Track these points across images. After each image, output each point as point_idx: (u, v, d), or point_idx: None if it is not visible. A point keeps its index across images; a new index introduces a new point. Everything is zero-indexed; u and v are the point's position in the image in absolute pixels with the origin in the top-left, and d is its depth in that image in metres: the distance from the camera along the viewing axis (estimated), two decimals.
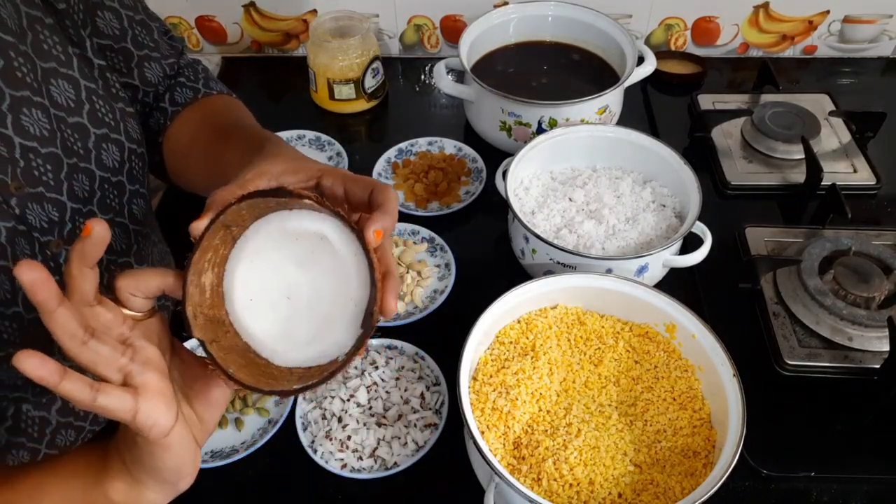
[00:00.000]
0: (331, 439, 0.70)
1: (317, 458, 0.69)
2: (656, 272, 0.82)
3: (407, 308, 0.84)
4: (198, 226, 0.45)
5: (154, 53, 0.71)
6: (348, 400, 0.73)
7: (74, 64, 0.60)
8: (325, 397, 0.73)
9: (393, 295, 0.46)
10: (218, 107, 0.77)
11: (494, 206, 0.93)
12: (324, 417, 0.72)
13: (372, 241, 0.45)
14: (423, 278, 0.86)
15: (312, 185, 0.54)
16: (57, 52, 0.59)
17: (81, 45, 0.63)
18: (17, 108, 0.55)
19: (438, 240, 0.90)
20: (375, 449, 0.69)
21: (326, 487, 0.68)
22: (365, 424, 0.71)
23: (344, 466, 0.69)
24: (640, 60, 1.03)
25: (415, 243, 0.90)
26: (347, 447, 0.69)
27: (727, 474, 0.57)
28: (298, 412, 0.73)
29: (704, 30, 1.20)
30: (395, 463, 0.69)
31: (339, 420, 0.71)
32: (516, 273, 0.87)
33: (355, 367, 0.75)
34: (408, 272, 0.86)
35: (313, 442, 0.70)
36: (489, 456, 0.58)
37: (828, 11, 1.17)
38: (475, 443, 0.59)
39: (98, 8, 0.65)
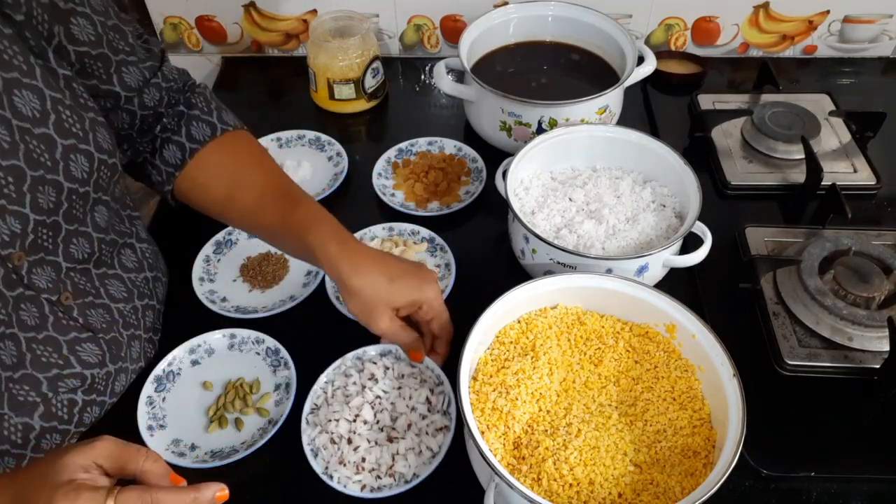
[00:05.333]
0: (345, 464, 0.68)
1: (334, 483, 0.67)
2: (656, 272, 0.82)
3: None
4: None
5: (131, 57, 0.71)
6: (354, 420, 0.70)
7: (38, 74, 0.59)
8: (330, 421, 0.70)
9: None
10: (247, 149, 0.79)
11: (494, 206, 0.93)
12: (333, 442, 0.69)
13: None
14: None
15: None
16: (18, 62, 0.58)
17: (44, 55, 0.62)
18: None
19: (438, 240, 0.90)
20: (392, 465, 0.68)
21: (326, 487, 0.68)
22: (376, 442, 0.69)
23: (364, 488, 0.67)
24: (640, 60, 1.03)
25: (415, 243, 0.90)
26: (364, 469, 0.68)
27: (727, 474, 0.57)
28: (305, 440, 0.70)
29: (704, 30, 1.20)
30: (415, 475, 0.67)
31: (350, 442, 0.69)
32: (516, 273, 0.87)
33: (354, 384, 0.73)
34: None
35: (327, 468, 0.68)
36: (489, 456, 0.58)
37: (828, 11, 1.17)
38: (475, 443, 0.59)
39: (70, 15, 0.64)
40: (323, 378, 0.74)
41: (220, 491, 0.54)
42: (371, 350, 0.76)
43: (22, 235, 0.59)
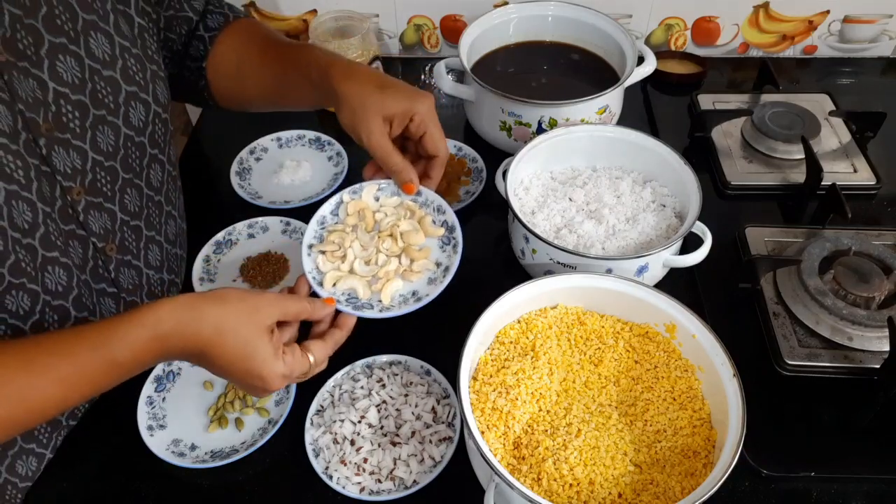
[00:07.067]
0: (346, 464, 0.68)
1: (333, 484, 0.67)
2: (656, 272, 0.82)
3: (371, 300, 0.69)
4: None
5: None
6: (359, 422, 0.71)
7: (111, 20, 0.64)
8: (335, 421, 0.71)
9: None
10: (253, 29, 0.83)
11: (494, 206, 0.93)
12: (335, 442, 0.70)
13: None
14: (413, 272, 0.71)
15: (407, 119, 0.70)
16: (97, 6, 0.63)
17: (126, 1, 0.67)
18: (53, 54, 0.58)
19: (458, 234, 0.73)
20: (393, 469, 0.68)
21: (325, 487, 0.68)
22: (379, 445, 0.70)
23: (362, 490, 0.67)
24: (640, 60, 1.03)
25: (433, 223, 0.75)
26: (364, 470, 0.68)
27: (727, 474, 0.57)
28: (308, 439, 0.71)
29: (704, 30, 1.20)
30: (415, 481, 0.67)
31: (353, 443, 0.70)
32: (516, 273, 0.87)
33: (362, 388, 0.74)
34: (400, 257, 0.72)
35: (327, 468, 0.68)
36: (489, 456, 0.58)
37: (828, 11, 1.17)
38: (475, 443, 0.59)
39: None
40: (331, 382, 0.75)
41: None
42: (381, 358, 0.77)
43: (82, 172, 0.62)
